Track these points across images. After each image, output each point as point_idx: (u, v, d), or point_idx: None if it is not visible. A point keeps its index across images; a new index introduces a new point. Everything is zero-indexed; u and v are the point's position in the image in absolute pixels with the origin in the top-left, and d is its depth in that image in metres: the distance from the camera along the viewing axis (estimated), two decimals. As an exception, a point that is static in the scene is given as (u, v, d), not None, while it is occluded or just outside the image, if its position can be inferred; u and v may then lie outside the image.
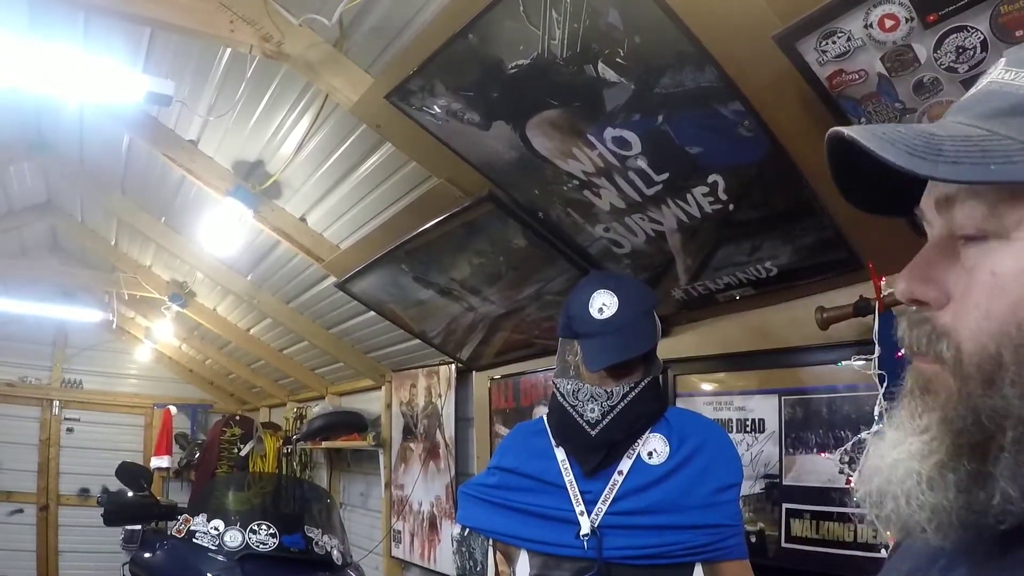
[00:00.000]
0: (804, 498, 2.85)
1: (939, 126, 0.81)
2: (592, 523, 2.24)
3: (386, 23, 3.19)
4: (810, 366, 2.91)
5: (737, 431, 3.13)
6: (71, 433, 10.68)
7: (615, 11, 2.21)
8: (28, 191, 7.06)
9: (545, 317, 4.07)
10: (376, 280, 4.65)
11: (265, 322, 7.63)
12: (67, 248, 9.01)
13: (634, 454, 2.31)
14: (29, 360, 10.51)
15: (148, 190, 6.05)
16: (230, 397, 11.56)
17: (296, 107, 4.02)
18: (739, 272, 2.96)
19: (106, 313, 9.48)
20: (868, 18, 1.83)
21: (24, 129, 5.72)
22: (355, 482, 7.96)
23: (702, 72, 2.25)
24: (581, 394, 2.34)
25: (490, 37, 2.50)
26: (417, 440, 6.12)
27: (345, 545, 5.70)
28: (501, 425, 4.95)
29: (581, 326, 2.35)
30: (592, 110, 2.59)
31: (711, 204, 2.70)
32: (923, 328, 0.85)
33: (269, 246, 5.86)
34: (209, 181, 4.86)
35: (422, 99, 2.91)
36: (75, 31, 4.07)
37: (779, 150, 2.37)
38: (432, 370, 5.84)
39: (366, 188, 4.36)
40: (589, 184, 2.94)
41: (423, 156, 3.47)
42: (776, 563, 2.89)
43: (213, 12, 3.23)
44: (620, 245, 3.21)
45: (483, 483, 2.55)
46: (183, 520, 5.36)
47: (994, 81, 0.81)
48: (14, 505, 10.15)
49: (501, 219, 3.43)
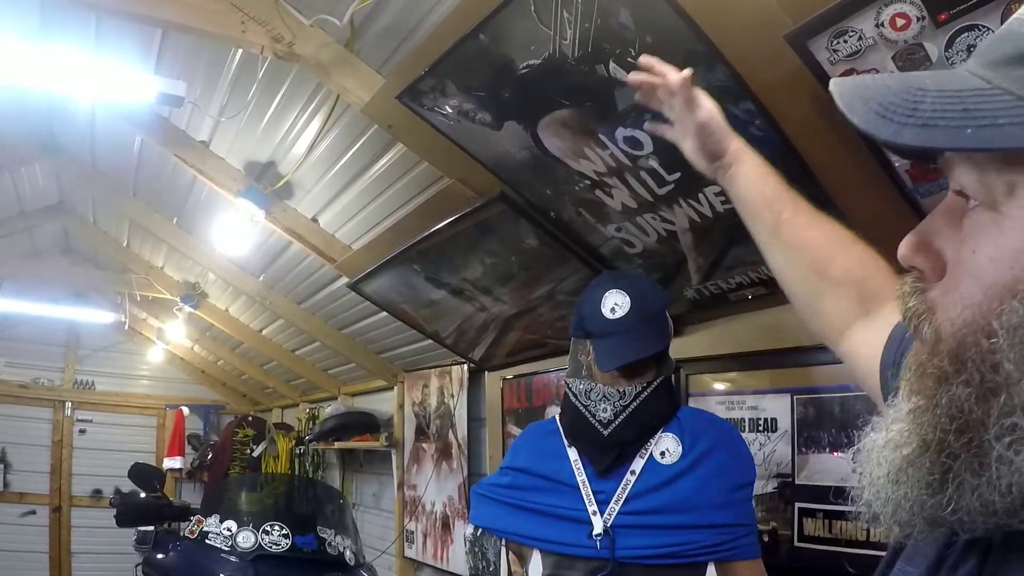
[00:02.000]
0: (817, 497, 2.85)
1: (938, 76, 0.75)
2: (605, 523, 2.24)
3: (397, 23, 3.19)
4: (822, 365, 2.89)
5: (749, 430, 3.13)
6: (83, 434, 10.71)
7: (626, 11, 2.21)
8: (40, 192, 7.07)
9: (557, 317, 4.07)
10: (388, 281, 4.65)
11: (277, 323, 7.63)
12: (79, 249, 9.01)
13: (647, 454, 2.31)
14: (41, 361, 10.55)
15: (160, 191, 6.07)
16: (242, 398, 11.58)
17: (307, 108, 4.03)
18: (751, 271, 2.95)
19: (118, 314, 9.50)
20: (879, 17, 1.83)
21: (36, 130, 5.74)
22: (368, 482, 7.96)
23: (713, 71, 2.25)
24: (593, 394, 2.35)
25: (501, 37, 2.50)
26: (429, 440, 6.12)
27: (358, 545, 5.71)
28: (513, 425, 4.94)
29: (593, 326, 2.35)
30: (603, 110, 2.59)
31: (723, 203, 2.70)
32: (917, 300, 0.82)
33: (281, 247, 5.86)
34: (221, 182, 4.87)
35: (433, 99, 2.91)
36: (87, 33, 4.08)
37: (790, 149, 2.36)
38: (444, 370, 5.84)
39: (378, 188, 4.36)
40: (601, 184, 2.94)
41: (435, 156, 3.47)
42: (789, 562, 2.89)
43: (225, 13, 3.24)
44: (632, 245, 3.21)
45: (496, 483, 2.55)
46: (196, 521, 5.37)
47: (1017, 18, 0.75)
48: (27, 506, 10.19)
49: (513, 219, 3.43)
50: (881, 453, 0.81)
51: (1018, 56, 0.70)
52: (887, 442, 0.81)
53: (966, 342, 0.72)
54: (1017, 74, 0.69)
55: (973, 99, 0.69)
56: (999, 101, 0.68)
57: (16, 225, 7.46)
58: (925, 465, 0.75)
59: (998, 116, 0.67)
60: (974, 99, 0.69)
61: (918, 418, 0.77)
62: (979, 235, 0.74)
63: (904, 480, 0.77)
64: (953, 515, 0.72)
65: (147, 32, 3.93)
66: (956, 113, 0.68)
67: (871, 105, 0.73)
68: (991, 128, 0.67)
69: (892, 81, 0.75)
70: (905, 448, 0.77)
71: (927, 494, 0.74)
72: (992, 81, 0.70)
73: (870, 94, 0.74)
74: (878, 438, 0.83)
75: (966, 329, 0.73)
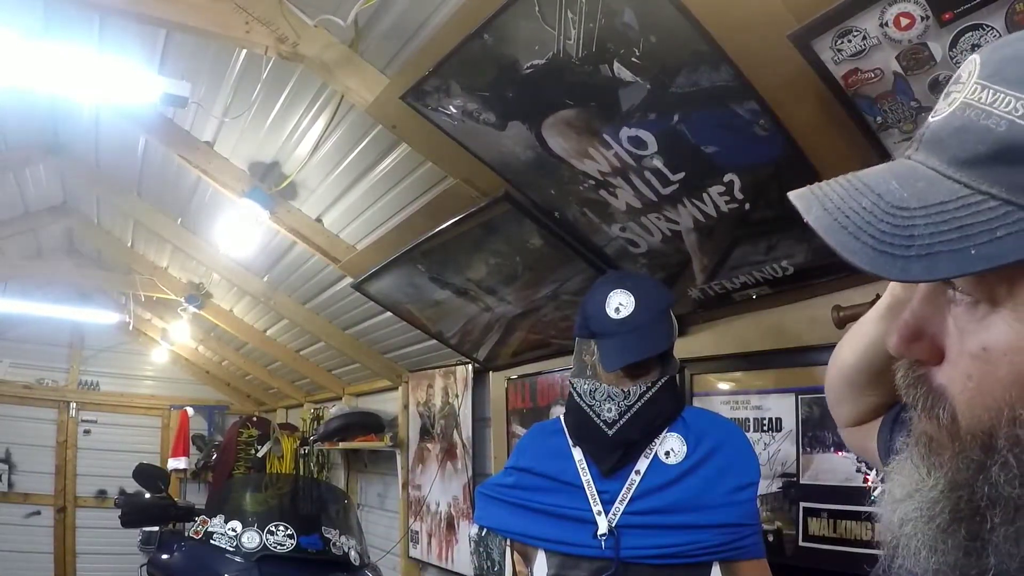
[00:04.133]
0: (821, 497, 2.85)
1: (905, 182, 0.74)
2: (610, 523, 2.24)
3: (401, 24, 3.20)
4: (827, 365, 2.89)
5: (754, 430, 3.13)
6: (88, 435, 10.71)
7: (630, 11, 2.21)
8: (44, 193, 7.08)
9: (562, 317, 4.07)
10: (392, 281, 4.65)
11: (282, 323, 7.65)
12: (83, 250, 9.04)
13: (651, 454, 2.31)
14: (46, 362, 10.55)
15: (164, 191, 6.08)
16: (247, 398, 11.59)
17: (312, 108, 4.03)
18: (755, 271, 2.95)
19: (122, 315, 9.52)
20: (883, 16, 1.83)
21: (40, 131, 5.74)
22: (372, 483, 7.97)
23: (717, 71, 2.25)
24: (598, 394, 2.34)
25: (505, 37, 2.51)
26: (434, 440, 6.13)
27: (362, 546, 5.72)
28: (518, 425, 4.94)
29: (598, 326, 2.35)
30: (608, 110, 2.59)
31: (727, 203, 2.70)
32: (920, 388, 0.82)
33: (285, 247, 5.87)
34: (225, 182, 4.87)
35: (438, 99, 2.91)
36: (90, 33, 4.09)
37: (795, 149, 2.36)
38: (449, 370, 5.84)
39: (382, 189, 4.37)
40: (605, 184, 2.94)
41: (439, 156, 3.48)
42: (794, 562, 2.89)
43: (229, 13, 3.24)
44: (636, 245, 3.21)
45: (500, 483, 2.55)
46: (200, 521, 5.37)
47: (969, 103, 0.72)
48: (32, 507, 10.19)
49: (517, 219, 3.43)
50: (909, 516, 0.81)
51: (993, 154, 0.68)
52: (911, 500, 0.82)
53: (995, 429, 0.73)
54: (993, 173, 0.68)
55: (963, 213, 0.68)
56: (989, 210, 0.67)
57: (20, 226, 7.46)
58: (961, 533, 0.76)
59: (995, 228, 0.66)
60: (963, 213, 0.68)
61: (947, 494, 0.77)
62: (983, 333, 0.74)
63: (942, 547, 0.77)
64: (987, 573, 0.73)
65: (151, 32, 3.94)
66: (953, 234, 0.67)
67: (864, 240, 0.72)
68: (992, 244, 0.65)
69: (866, 201, 0.74)
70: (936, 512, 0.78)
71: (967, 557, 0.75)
72: (972, 185, 0.69)
73: (854, 224, 0.73)
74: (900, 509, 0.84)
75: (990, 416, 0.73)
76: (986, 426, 0.74)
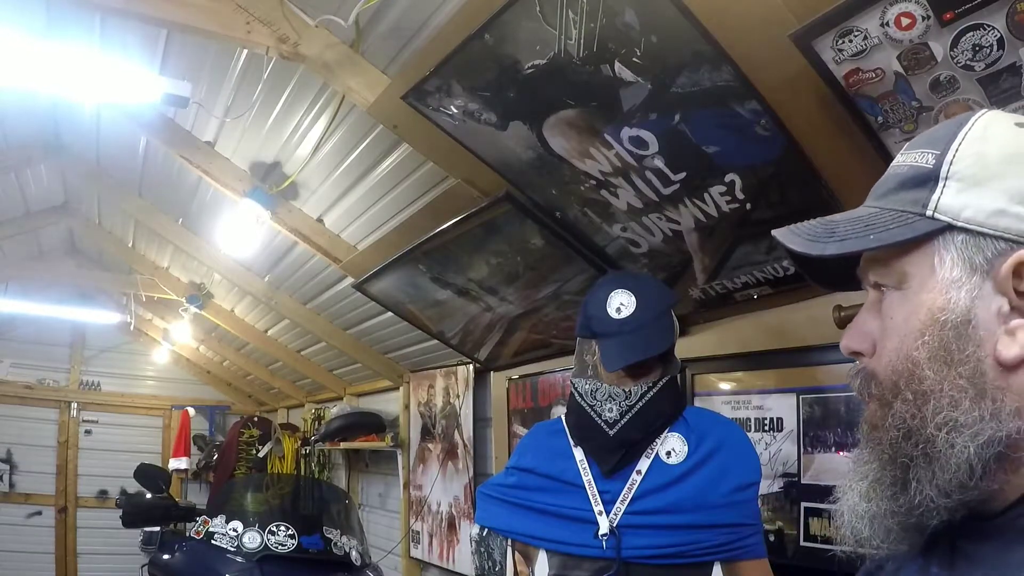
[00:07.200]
0: (823, 497, 2.85)
1: (847, 213, 1.05)
2: (611, 523, 2.24)
3: (402, 24, 3.20)
4: (828, 365, 2.89)
5: (755, 430, 3.13)
6: (89, 435, 10.72)
7: (631, 11, 2.21)
8: (45, 193, 7.09)
9: (563, 317, 4.07)
10: (394, 281, 4.65)
11: (283, 323, 7.65)
12: (84, 250, 9.05)
13: (652, 453, 2.31)
14: (47, 362, 10.56)
15: (165, 192, 6.08)
16: (248, 398, 11.60)
17: (313, 108, 4.03)
18: (757, 271, 2.95)
19: (123, 315, 9.53)
20: (884, 16, 1.83)
21: (41, 131, 5.75)
22: (374, 483, 7.98)
23: (718, 71, 2.25)
24: (599, 394, 2.34)
25: (506, 37, 2.51)
26: (435, 441, 6.13)
27: (364, 546, 5.72)
28: (519, 425, 4.94)
29: (599, 326, 2.35)
30: (609, 110, 2.59)
31: (728, 203, 2.70)
32: (859, 377, 1.06)
33: (286, 247, 5.88)
34: (226, 182, 4.87)
35: (439, 99, 2.91)
36: (92, 33, 4.09)
37: (796, 149, 2.36)
38: (450, 370, 5.85)
39: (383, 189, 4.37)
40: (606, 184, 2.94)
41: (440, 156, 3.48)
42: (795, 562, 2.89)
43: (230, 14, 3.24)
44: (637, 244, 3.21)
45: (502, 483, 2.55)
46: (202, 521, 5.38)
47: (894, 165, 1.04)
48: (33, 507, 10.20)
49: (518, 219, 3.43)
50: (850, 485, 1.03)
51: (893, 187, 1.01)
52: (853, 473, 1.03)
53: (898, 372, 0.97)
54: (895, 197, 1.00)
55: (870, 218, 1.00)
56: (887, 216, 0.98)
57: (22, 226, 7.47)
58: (887, 479, 0.97)
59: (888, 223, 0.97)
60: (871, 218, 1.00)
61: (872, 441, 1.01)
62: (893, 308, 1.00)
63: (874, 495, 0.99)
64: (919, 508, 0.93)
65: (152, 32, 3.94)
66: (861, 228, 0.99)
67: (802, 236, 1.03)
68: (885, 231, 0.96)
69: (815, 222, 1.05)
70: (868, 472, 1.00)
71: (894, 499, 0.96)
72: (880, 206, 1.01)
73: (799, 231, 1.04)
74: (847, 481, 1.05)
75: (896, 366, 0.97)
76: (893, 373, 0.98)
